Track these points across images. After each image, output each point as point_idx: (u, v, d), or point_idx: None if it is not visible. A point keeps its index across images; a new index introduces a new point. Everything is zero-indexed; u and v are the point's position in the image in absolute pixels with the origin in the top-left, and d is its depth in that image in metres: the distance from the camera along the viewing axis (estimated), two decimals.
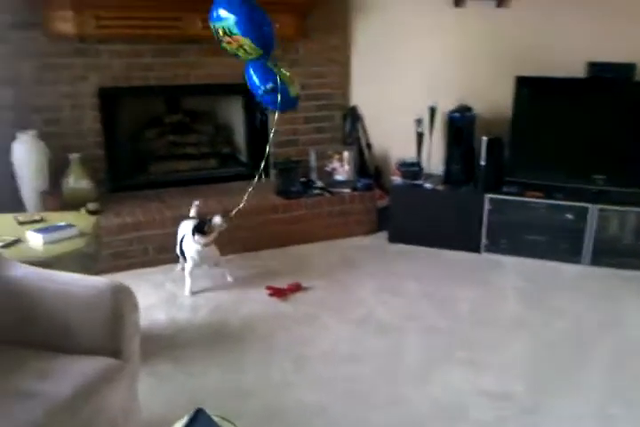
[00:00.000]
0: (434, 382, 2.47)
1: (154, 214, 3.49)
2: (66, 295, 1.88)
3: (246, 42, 2.47)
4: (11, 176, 3.36)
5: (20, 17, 3.28)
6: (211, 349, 2.67)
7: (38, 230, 2.40)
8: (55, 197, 3.31)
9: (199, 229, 3.09)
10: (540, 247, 3.68)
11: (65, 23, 3.29)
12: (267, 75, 2.68)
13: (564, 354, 2.69)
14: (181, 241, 3.23)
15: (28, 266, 2.01)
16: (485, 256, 3.77)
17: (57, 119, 3.50)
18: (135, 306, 1.93)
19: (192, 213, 3.35)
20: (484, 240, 3.78)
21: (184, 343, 2.72)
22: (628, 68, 3.59)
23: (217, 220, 3.07)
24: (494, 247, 3.78)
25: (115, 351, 1.85)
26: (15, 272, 1.96)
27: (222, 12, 2.46)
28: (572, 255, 3.63)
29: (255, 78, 2.70)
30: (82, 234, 2.45)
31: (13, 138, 3.30)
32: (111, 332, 1.85)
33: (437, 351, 2.70)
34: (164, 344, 2.70)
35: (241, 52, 2.54)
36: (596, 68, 3.64)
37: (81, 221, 2.60)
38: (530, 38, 3.85)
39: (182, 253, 3.24)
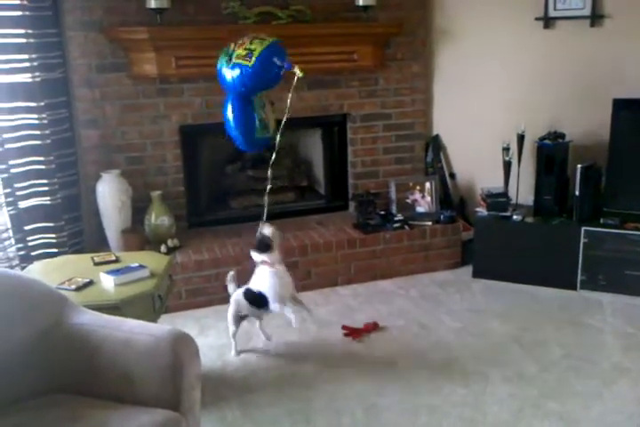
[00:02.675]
0: None
1: (231, 250, 3.48)
2: (126, 344, 1.86)
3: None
4: (95, 215, 3.47)
5: (104, 61, 3.41)
6: (281, 394, 2.59)
7: (110, 272, 2.42)
8: (136, 235, 3.38)
9: (262, 247, 2.69)
10: None
11: (147, 64, 3.39)
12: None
13: None
14: (248, 298, 2.78)
15: (93, 312, 2.02)
16: (582, 294, 3.48)
17: (139, 158, 3.59)
18: (196, 356, 1.89)
19: (231, 288, 2.92)
20: (580, 276, 3.49)
21: (255, 387, 2.64)
22: None
23: (266, 230, 2.69)
24: (592, 284, 3.48)
25: (174, 403, 1.81)
26: (80, 319, 1.96)
27: None
28: None
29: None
30: (153, 275, 2.45)
31: (98, 177, 3.41)
32: (170, 383, 1.81)
33: (525, 402, 2.48)
34: (235, 388, 2.64)
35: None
36: None
37: (154, 261, 2.61)
38: (628, 58, 3.58)
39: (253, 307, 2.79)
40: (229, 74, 2.65)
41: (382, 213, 3.86)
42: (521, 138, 3.72)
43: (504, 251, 3.67)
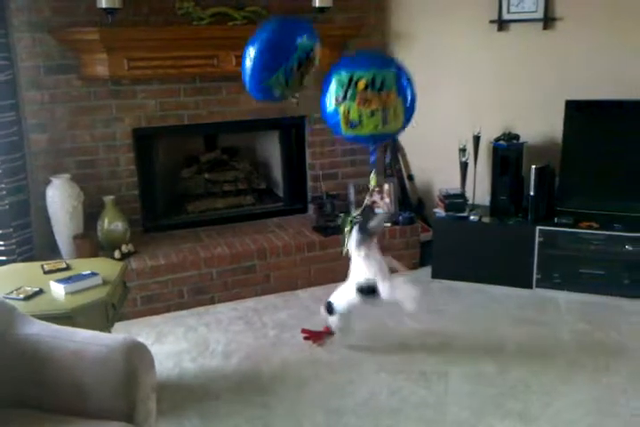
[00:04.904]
0: None
1: (188, 255, 3.42)
2: (77, 355, 1.79)
3: (398, 103, 1.90)
4: (46, 221, 3.36)
5: (53, 62, 3.31)
6: (240, 401, 2.54)
7: (61, 280, 2.34)
8: (88, 241, 3.28)
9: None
10: (598, 282, 3.43)
11: (99, 66, 3.30)
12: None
13: (629, 403, 2.44)
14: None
15: (42, 322, 1.94)
16: (538, 292, 3.53)
17: (91, 162, 3.50)
18: (151, 366, 1.83)
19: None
20: (535, 275, 3.54)
21: (214, 395, 2.59)
22: None
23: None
24: (547, 282, 3.53)
25: (128, 415, 1.75)
26: (29, 329, 1.89)
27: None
28: (633, 290, 3.36)
29: None
30: (105, 282, 2.38)
31: (47, 182, 3.30)
32: (124, 394, 1.75)
33: (485, 402, 2.49)
34: (193, 396, 2.59)
35: (375, 119, 1.90)
36: None
37: (107, 267, 2.54)
38: (579, 60, 3.65)
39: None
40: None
41: (341, 215, 3.84)
42: (477, 139, 3.76)
43: (462, 251, 3.69)
